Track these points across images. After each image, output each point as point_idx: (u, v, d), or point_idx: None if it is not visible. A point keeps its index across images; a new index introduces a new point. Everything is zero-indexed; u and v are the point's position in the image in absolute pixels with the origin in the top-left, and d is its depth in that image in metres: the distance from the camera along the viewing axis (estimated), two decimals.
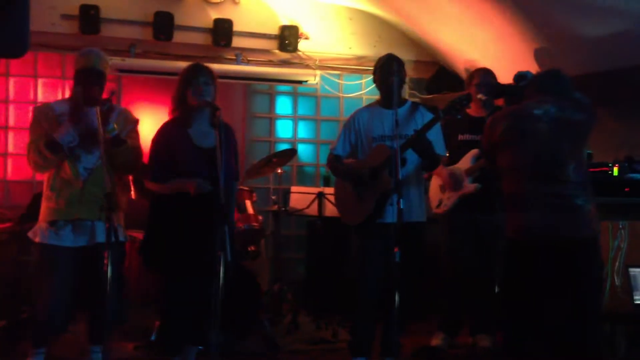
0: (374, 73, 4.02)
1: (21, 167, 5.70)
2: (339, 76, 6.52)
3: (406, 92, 6.12)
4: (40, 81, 5.86)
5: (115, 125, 3.46)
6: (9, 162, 5.75)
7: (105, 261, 2.96)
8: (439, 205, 4.52)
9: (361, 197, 3.85)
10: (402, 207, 3.32)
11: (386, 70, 3.90)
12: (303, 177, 6.54)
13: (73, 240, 3.61)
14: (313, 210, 5.15)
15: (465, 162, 4.41)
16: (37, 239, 3.63)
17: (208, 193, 3.44)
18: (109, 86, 3.51)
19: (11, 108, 5.77)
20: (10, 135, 5.73)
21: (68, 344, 4.44)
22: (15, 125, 5.75)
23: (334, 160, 4.06)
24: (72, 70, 3.71)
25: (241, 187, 4.88)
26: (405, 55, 4.06)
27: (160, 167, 3.66)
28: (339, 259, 5.40)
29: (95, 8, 5.48)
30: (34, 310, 3.69)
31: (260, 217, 5.00)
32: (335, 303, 5.17)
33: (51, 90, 5.88)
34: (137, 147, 3.79)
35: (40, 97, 5.80)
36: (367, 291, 3.88)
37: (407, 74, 4.14)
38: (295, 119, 6.65)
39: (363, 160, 3.92)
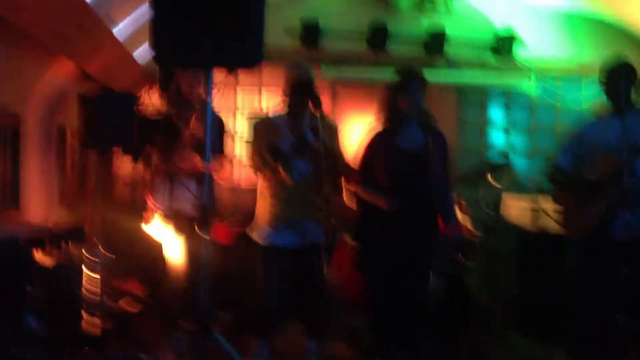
0: (601, 79, 3.77)
1: (250, 175, 6.14)
2: (556, 83, 6.22)
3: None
4: (264, 91, 6.26)
5: (324, 136, 3.59)
6: (239, 170, 6.21)
7: (322, 261, 3.13)
8: None
9: (586, 210, 3.61)
10: (631, 221, 3.11)
11: (614, 75, 3.66)
12: (517, 188, 6.31)
13: (290, 241, 3.79)
14: (528, 222, 4.96)
15: None
16: (257, 240, 3.88)
17: (419, 199, 3.45)
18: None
19: (239, 117, 6.23)
20: (239, 144, 6.17)
21: (289, 339, 4.71)
22: (242, 134, 6.17)
23: (556, 172, 3.86)
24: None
25: None
26: (633, 58, 3.76)
27: (363, 170, 3.78)
28: (555, 276, 5.13)
29: (316, 22, 5.81)
30: (256, 306, 3.91)
31: (471, 228, 4.91)
32: (550, 322, 4.91)
33: (274, 99, 6.27)
34: (342, 154, 3.91)
35: (265, 107, 6.20)
36: (590, 311, 3.63)
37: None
38: (508, 127, 6.45)
39: (589, 171, 3.68)
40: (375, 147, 3.77)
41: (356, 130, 6.17)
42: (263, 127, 3.85)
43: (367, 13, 5.91)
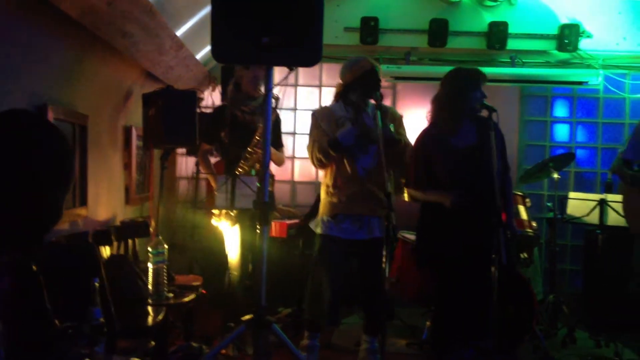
0: None
1: (306, 170, 6.21)
2: (625, 75, 6.02)
3: None
4: (323, 90, 6.29)
5: (391, 127, 3.56)
6: (296, 164, 6.27)
7: (383, 258, 3.12)
8: None
9: None
10: None
11: None
12: (581, 184, 6.15)
13: (352, 233, 3.79)
14: (593, 218, 4.81)
15: None
16: (318, 230, 3.89)
17: (482, 194, 3.40)
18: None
19: (298, 114, 6.28)
20: (298, 140, 6.23)
21: (344, 334, 4.72)
22: (301, 131, 6.23)
23: (623, 166, 3.74)
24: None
25: (514, 192, 4.73)
26: None
27: (419, 174, 3.72)
28: (621, 272, 4.98)
29: (375, 19, 5.80)
30: (310, 298, 3.90)
31: (534, 224, 4.81)
32: (617, 320, 4.77)
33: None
34: (409, 144, 3.86)
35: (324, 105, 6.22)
36: None
37: None
38: (573, 122, 6.28)
39: None
40: (430, 147, 3.70)
41: (417, 128, 6.12)
42: (323, 118, 3.85)
43: (427, 9, 5.82)
